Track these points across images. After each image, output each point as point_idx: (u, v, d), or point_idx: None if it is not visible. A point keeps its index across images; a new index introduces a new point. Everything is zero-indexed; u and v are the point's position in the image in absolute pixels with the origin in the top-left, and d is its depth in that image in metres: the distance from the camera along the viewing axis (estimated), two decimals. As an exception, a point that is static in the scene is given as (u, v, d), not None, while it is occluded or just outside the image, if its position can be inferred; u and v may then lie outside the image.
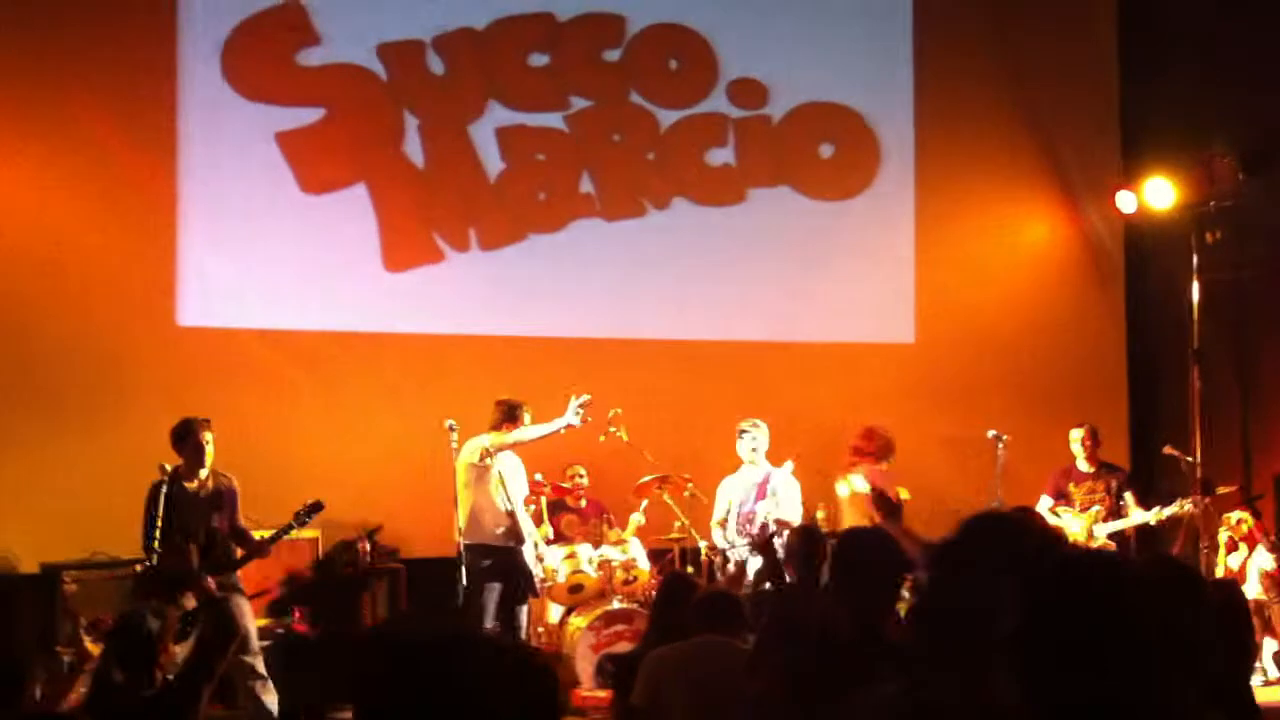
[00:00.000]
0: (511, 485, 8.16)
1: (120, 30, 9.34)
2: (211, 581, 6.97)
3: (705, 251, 10.48)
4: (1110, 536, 8.79)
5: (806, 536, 6.17)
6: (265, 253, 9.58)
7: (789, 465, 8.47)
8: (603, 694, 7.69)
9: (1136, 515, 8.80)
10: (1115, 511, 8.90)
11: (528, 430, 8.09)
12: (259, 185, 9.60)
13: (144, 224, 9.31)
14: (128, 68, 9.32)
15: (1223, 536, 8.92)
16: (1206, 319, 9.98)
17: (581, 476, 9.19)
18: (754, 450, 8.40)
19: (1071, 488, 9.05)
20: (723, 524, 8.39)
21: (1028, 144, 10.97)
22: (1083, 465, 9.07)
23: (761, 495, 8.30)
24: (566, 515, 8.96)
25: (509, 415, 8.12)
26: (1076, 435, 9.10)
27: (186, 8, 9.53)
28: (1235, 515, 8.95)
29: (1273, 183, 9.56)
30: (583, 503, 9.19)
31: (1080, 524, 8.85)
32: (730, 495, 8.41)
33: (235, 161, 9.57)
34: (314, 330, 9.66)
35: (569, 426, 8.00)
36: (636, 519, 8.95)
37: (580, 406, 7.95)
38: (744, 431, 8.45)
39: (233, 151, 9.57)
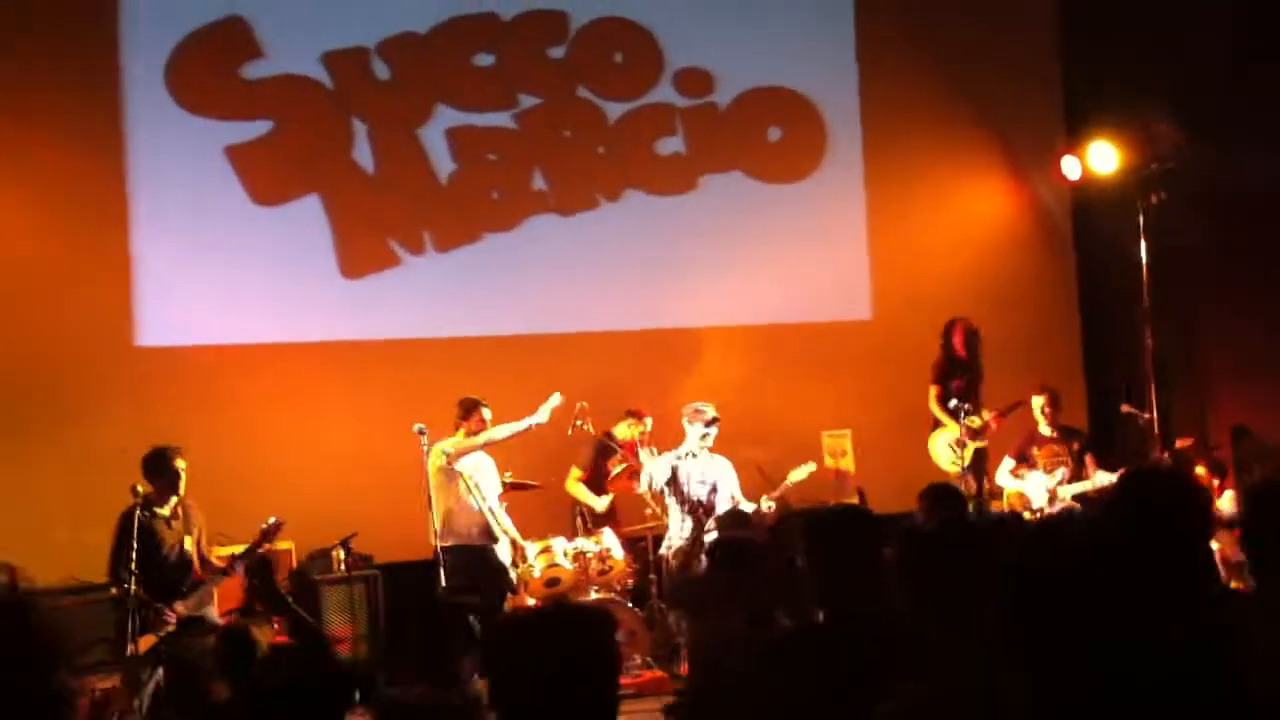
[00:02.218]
0: (484, 484, 8.23)
1: (63, 51, 9.35)
2: (181, 607, 7.03)
3: (660, 241, 10.56)
4: (1075, 498, 8.93)
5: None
6: (221, 268, 9.59)
7: (807, 467, 8.59)
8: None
9: (1100, 477, 8.92)
10: (1078, 474, 9.05)
11: (495, 430, 8.17)
12: (210, 200, 9.63)
13: (96, 247, 9.33)
14: (72, 88, 9.33)
15: None
16: (1156, 279, 10.14)
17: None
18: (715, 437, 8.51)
19: (1034, 451, 9.19)
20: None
21: (972, 116, 11.07)
22: (1044, 430, 9.20)
23: (714, 491, 8.39)
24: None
25: (465, 413, 8.21)
26: (1038, 402, 9.23)
27: (129, 26, 9.55)
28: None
29: (1212, 142, 9.70)
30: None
31: (1044, 485, 8.99)
32: (667, 471, 8.46)
33: (185, 178, 9.59)
34: (275, 343, 9.69)
35: (538, 424, 8.09)
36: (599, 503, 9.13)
37: (552, 408, 8.06)
38: (715, 420, 8.47)
39: (182, 168, 9.59)
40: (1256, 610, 3.55)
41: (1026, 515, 8.54)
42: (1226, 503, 8.82)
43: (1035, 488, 8.99)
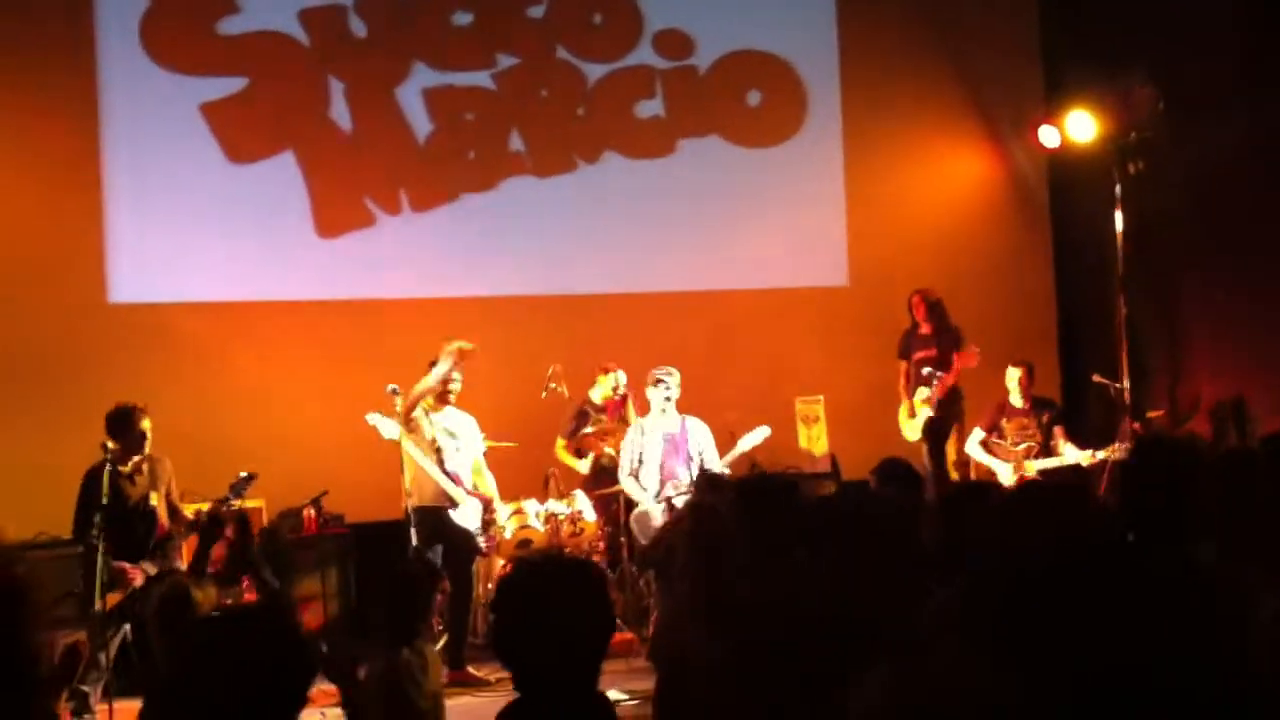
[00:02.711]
0: (456, 444, 8.15)
1: (36, 6, 9.25)
2: (149, 566, 7.05)
3: (638, 204, 10.54)
4: (1041, 472, 8.99)
5: None
6: (195, 225, 9.53)
7: (762, 431, 8.62)
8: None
9: (1069, 454, 8.97)
10: (1046, 447, 9.10)
11: (416, 388, 7.99)
12: (185, 157, 9.56)
13: (70, 203, 9.25)
14: (45, 44, 9.25)
15: None
16: (1131, 249, 10.16)
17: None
18: (667, 400, 8.50)
19: (1004, 423, 9.24)
20: (634, 474, 8.53)
21: (952, 83, 11.06)
22: (1017, 401, 9.24)
23: (675, 450, 8.43)
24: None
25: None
26: (1014, 374, 9.24)
27: (103, -21, 9.45)
28: None
29: (1191, 112, 9.70)
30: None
31: (1010, 460, 9.05)
32: (638, 447, 8.54)
33: (160, 135, 9.52)
34: (249, 300, 9.65)
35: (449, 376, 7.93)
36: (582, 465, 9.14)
37: (456, 354, 7.86)
38: (660, 380, 8.52)
39: (157, 125, 9.51)
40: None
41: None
42: None
43: (1002, 461, 9.06)
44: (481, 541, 8.08)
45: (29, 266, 9.04)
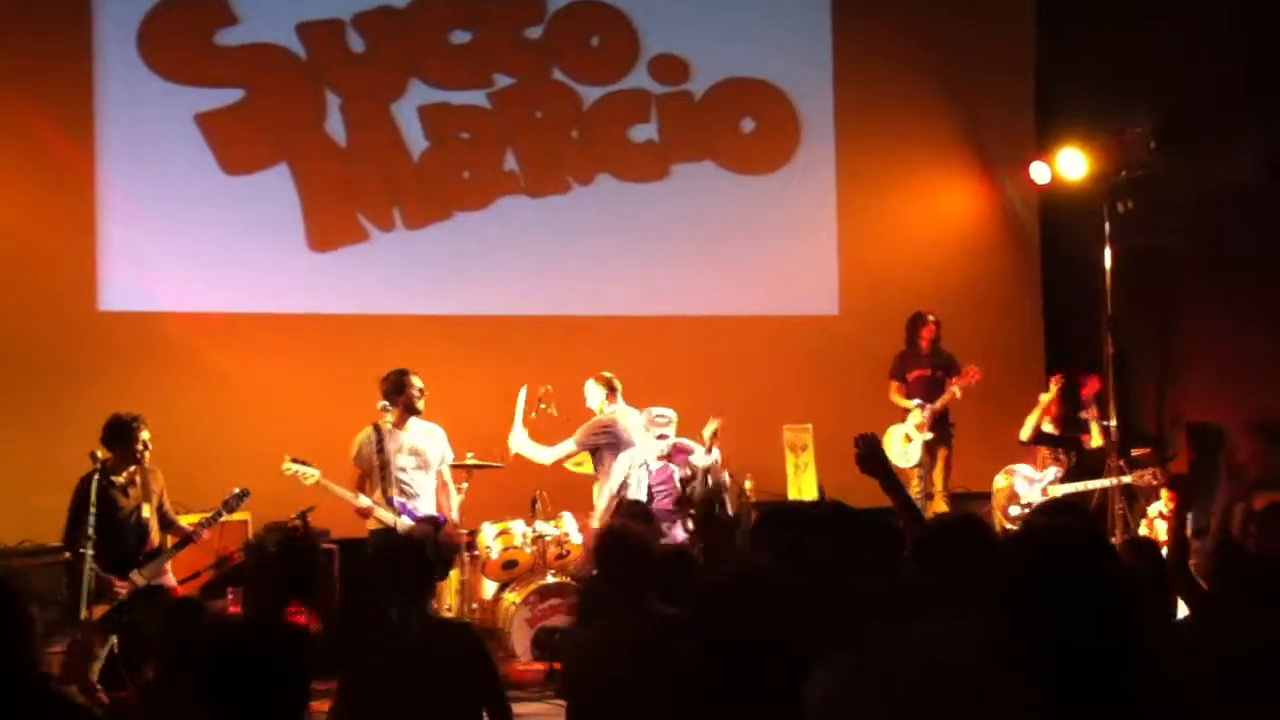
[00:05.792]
0: (418, 461, 7.97)
1: (35, 12, 9.25)
2: (138, 577, 6.99)
3: (630, 228, 10.56)
4: (1065, 496, 9.11)
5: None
6: (188, 235, 9.53)
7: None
8: (540, 666, 7.81)
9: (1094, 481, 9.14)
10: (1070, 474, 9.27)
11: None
12: (180, 167, 9.56)
13: (63, 209, 9.24)
14: (43, 51, 9.25)
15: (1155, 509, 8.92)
16: (1119, 285, 10.22)
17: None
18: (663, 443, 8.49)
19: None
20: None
21: (945, 117, 11.13)
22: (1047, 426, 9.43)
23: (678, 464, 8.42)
24: None
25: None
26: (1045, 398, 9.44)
27: (102, -10, 9.43)
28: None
29: (1182, 152, 9.78)
30: None
31: (1038, 483, 9.21)
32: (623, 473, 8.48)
33: (155, 144, 9.52)
34: (239, 312, 9.63)
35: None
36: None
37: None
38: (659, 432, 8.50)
39: (152, 134, 9.51)
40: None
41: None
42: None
43: (1026, 484, 9.13)
44: None
45: (20, 271, 9.02)
